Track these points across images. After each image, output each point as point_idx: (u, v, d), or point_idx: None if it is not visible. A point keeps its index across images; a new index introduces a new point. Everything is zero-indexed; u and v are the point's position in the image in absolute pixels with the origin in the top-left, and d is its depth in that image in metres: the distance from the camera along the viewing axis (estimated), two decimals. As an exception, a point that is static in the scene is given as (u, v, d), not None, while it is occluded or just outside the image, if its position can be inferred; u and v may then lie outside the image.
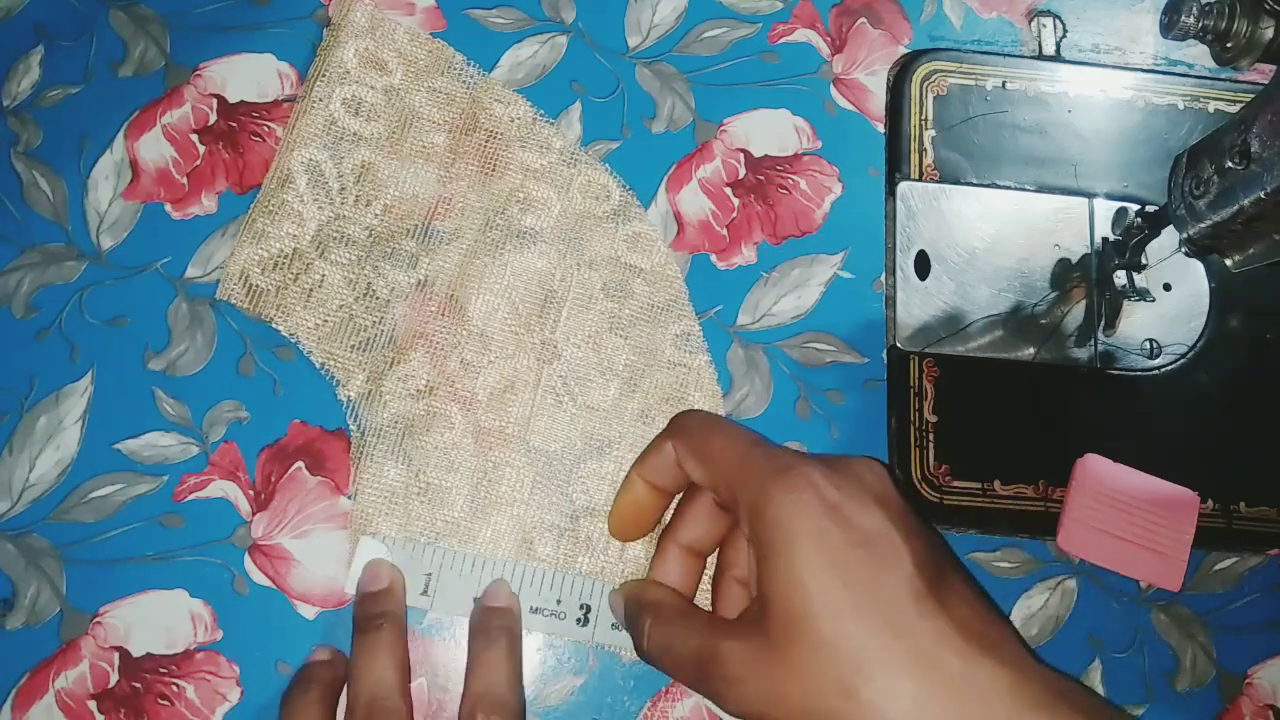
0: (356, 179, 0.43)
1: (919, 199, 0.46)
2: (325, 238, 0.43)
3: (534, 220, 0.44)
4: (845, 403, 0.44)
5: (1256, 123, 0.34)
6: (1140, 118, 0.48)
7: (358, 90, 0.44)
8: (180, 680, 0.39)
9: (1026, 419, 0.45)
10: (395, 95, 0.44)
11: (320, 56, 0.45)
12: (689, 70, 0.47)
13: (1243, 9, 0.34)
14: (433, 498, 0.41)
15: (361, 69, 0.44)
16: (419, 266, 0.43)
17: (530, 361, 0.42)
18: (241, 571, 0.40)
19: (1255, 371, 0.46)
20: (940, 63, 0.48)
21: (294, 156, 0.43)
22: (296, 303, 0.42)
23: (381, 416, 0.41)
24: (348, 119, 0.44)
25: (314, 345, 0.42)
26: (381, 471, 0.41)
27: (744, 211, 0.46)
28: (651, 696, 0.40)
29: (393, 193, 0.44)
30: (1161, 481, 0.42)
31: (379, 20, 0.45)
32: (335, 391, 0.41)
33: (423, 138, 0.44)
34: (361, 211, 0.43)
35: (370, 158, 0.44)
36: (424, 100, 0.45)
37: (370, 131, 0.44)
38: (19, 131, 0.44)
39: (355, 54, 0.44)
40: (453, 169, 0.44)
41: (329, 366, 0.42)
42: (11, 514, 0.40)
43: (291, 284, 0.42)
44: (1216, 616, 0.44)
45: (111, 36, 0.45)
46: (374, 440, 0.41)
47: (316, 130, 0.43)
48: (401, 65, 0.45)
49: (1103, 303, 0.45)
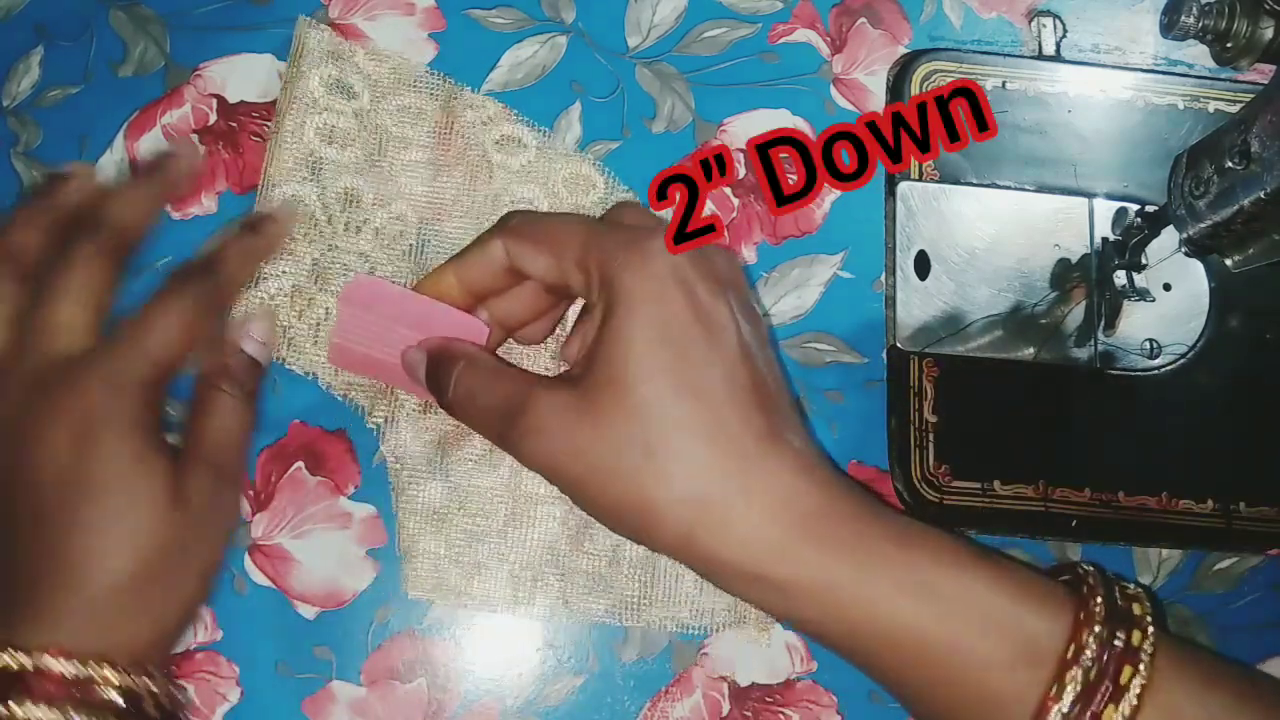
0: (343, 207, 0.43)
1: (919, 199, 0.46)
2: (322, 270, 0.42)
3: None
4: (845, 403, 0.44)
5: (1256, 123, 0.34)
6: (1140, 118, 0.48)
7: (329, 118, 0.43)
8: (180, 680, 0.39)
9: (1026, 419, 0.45)
10: (366, 117, 0.44)
11: (285, 89, 0.44)
12: (689, 70, 0.47)
13: (1243, 9, 0.34)
14: (475, 510, 0.40)
15: (329, 96, 0.44)
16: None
17: (546, 360, 0.42)
18: (241, 571, 0.40)
19: (1255, 371, 0.46)
20: (940, 63, 0.48)
21: (276, 194, 0.42)
22: (305, 340, 0.41)
23: (415, 438, 0.41)
24: (324, 148, 0.43)
25: (332, 379, 0.41)
26: (421, 494, 0.40)
27: (744, 211, 0.46)
28: (651, 696, 0.40)
29: (381, 216, 0.43)
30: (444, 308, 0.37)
31: (337, 44, 0.45)
32: (364, 419, 0.41)
33: (401, 156, 0.44)
34: (353, 239, 0.43)
35: (353, 183, 0.43)
36: (395, 119, 0.44)
37: (348, 157, 0.43)
38: (19, 131, 0.44)
39: (320, 81, 0.44)
40: (436, 183, 0.44)
41: (352, 397, 0.41)
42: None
43: (297, 322, 0.42)
44: (1216, 616, 0.44)
45: (111, 36, 0.45)
46: (410, 463, 0.41)
47: (295, 164, 0.43)
48: (367, 87, 0.44)
49: (1103, 303, 0.45)
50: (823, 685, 0.41)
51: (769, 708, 0.41)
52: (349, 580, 0.40)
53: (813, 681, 0.41)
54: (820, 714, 0.41)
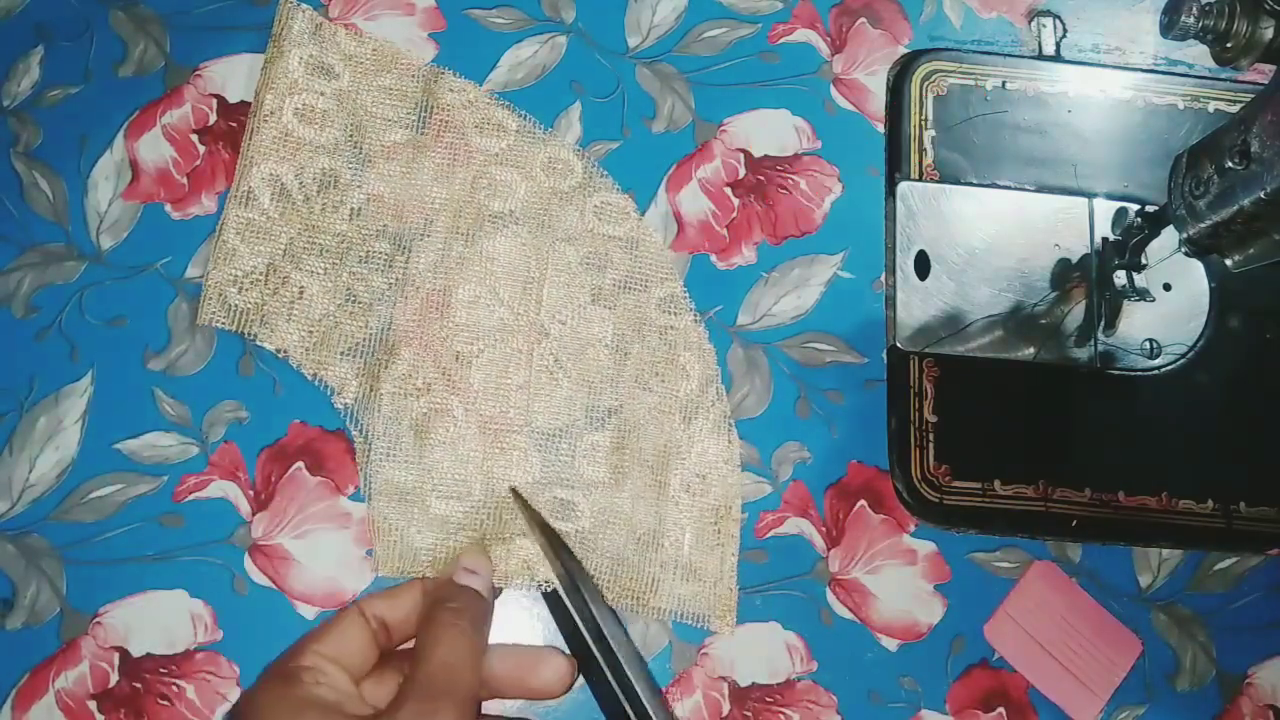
0: (320, 187, 0.43)
1: (919, 199, 0.46)
2: (298, 249, 0.42)
3: (502, 204, 0.44)
4: (845, 403, 0.44)
5: (1256, 123, 0.34)
6: (1140, 118, 0.48)
7: (308, 98, 0.43)
8: (180, 680, 0.39)
9: (1026, 419, 0.45)
10: (346, 98, 0.44)
11: (265, 70, 0.44)
12: (689, 70, 0.47)
13: (1243, 9, 0.34)
14: (448, 493, 0.41)
15: (309, 77, 0.44)
16: (396, 266, 0.43)
17: (520, 344, 0.43)
18: (241, 571, 0.40)
19: (1255, 371, 0.46)
20: (940, 63, 0.48)
21: (254, 173, 0.42)
22: (279, 317, 0.41)
23: (384, 419, 0.41)
24: (302, 129, 0.43)
25: (303, 357, 0.41)
26: (393, 475, 0.41)
27: (744, 211, 0.46)
28: (651, 696, 0.40)
29: (358, 196, 0.43)
30: (1110, 616, 0.42)
31: (320, 26, 0.45)
32: (331, 400, 0.41)
33: (380, 137, 0.44)
34: (330, 219, 0.43)
35: (331, 164, 0.43)
36: (376, 99, 0.44)
37: (327, 138, 0.43)
38: (19, 131, 0.44)
39: (300, 62, 0.44)
40: (414, 164, 0.44)
41: (321, 376, 0.41)
42: (11, 514, 0.40)
43: (271, 299, 0.42)
44: (1216, 616, 0.44)
45: (111, 36, 0.45)
46: (380, 445, 0.41)
47: (272, 144, 0.43)
48: (348, 68, 0.44)
49: (1103, 303, 0.45)
50: (823, 685, 0.41)
51: (769, 708, 0.41)
52: (349, 580, 0.40)
53: (813, 681, 0.41)
54: (820, 714, 0.41)
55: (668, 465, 0.42)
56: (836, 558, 0.42)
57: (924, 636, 0.42)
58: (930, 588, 0.43)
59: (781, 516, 0.43)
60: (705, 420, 0.43)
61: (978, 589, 0.43)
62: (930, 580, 0.43)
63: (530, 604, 0.41)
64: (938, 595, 0.43)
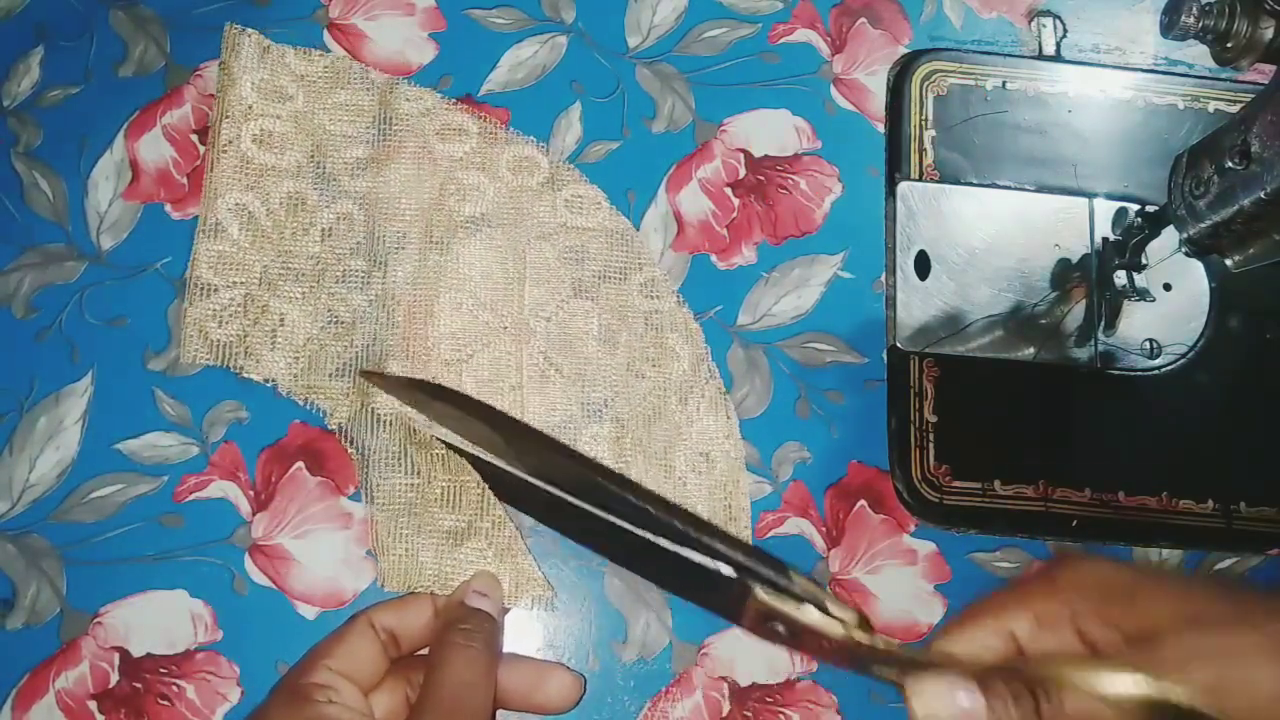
0: (288, 212, 0.43)
1: (919, 199, 0.46)
2: (274, 276, 0.42)
3: (473, 208, 0.44)
4: (845, 403, 0.44)
5: (1256, 123, 0.34)
6: (1140, 118, 0.48)
7: (264, 123, 0.43)
8: (180, 680, 0.39)
9: (1026, 419, 0.45)
10: (303, 119, 0.44)
11: (218, 99, 0.44)
12: (689, 70, 0.47)
13: (1243, 9, 0.34)
14: (449, 501, 0.40)
15: (263, 101, 0.44)
16: (374, 282, 0.43)
17: (508, 345, 0.42)
18: (241, 572, 0.40)
19: (1255, 371, 0.46)
20: (940, 63, 0.48)
21: (219, 205, 0.42)
22: (263, 347, 0.41)
23: (379, 435, 0.41)
24: (262, 154, 0.43)
25: (292, 384, 0.41)
26: (394, 490, 0.40)
27: (744, 211, 0.46)
28: (652, 696, 0.40)
29: (328, 216, 0.43)
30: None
31: (267, 49, 0.44)
32: (325, 421, 0.41)
33: (342, 154, 0.44)
34: (302, 242, 0.43)
35: (296, 187, 0.43)
36: (333, 117, 0.44)
37: (288, 161, 0.43)
38: (19, 131, 0.44)
39: (253, 87, 0.44)
40: (380, 178, 0.44)
41: (312, 400, 0.41)
42: (11, 514, 0.40)
43: (252, 329, 0.41)
44: (1216, 616, 0.44)
45: (111, 36, 0.45)
46: (378, 459, 0.41)
47: (234, 173, 0.43)
48: (301, 88, 0.44)
49: (1103, 303, 0.45)
50: (823, 685, 0.41)
51: (769, 708, 0.41)
52: (349, 580, 0.40)
53: (813, 681, 0.41)
54: (820, 714, 0.41)
55: (671, 448, 0.42)
56: (837, 558, 0.42)
57: (924, 636, 0.42)
58: (930, 588, 0.43)
59: (781, 516, 0.43)
60: (701, 398, 0.43)
61: (978, 589, 0.43)
62: (930, 580, 0.43)
63: (538, 617, 0.41)
64: (938, 595, 0.43)
